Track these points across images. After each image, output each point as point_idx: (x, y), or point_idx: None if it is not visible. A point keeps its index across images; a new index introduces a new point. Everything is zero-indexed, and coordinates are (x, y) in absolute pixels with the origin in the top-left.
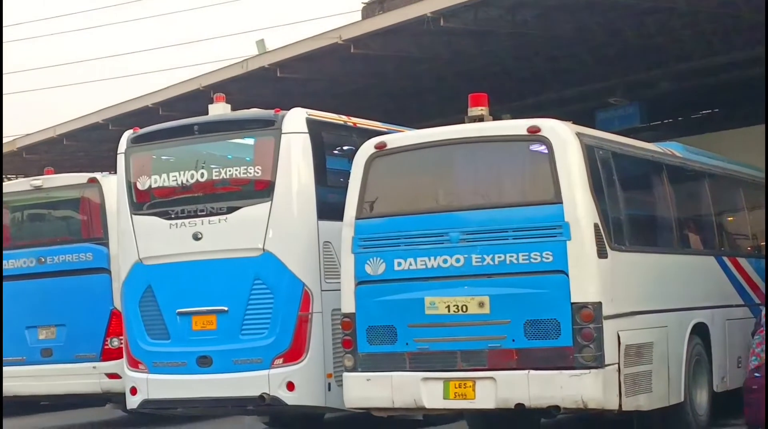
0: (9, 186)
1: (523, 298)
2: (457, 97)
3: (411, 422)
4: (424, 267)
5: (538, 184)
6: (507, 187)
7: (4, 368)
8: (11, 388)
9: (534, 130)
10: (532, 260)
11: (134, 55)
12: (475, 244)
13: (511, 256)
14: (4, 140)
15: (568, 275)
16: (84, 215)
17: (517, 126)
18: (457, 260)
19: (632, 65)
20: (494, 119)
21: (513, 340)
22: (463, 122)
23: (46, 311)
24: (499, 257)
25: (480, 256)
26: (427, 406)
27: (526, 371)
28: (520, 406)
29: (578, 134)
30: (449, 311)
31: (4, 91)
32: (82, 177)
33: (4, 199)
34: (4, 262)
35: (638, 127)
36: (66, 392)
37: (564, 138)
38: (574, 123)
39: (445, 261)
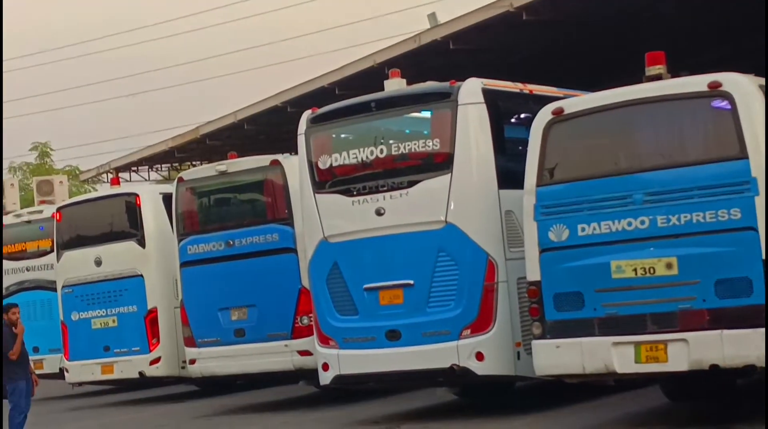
0: (195, 172)
1: (712, 257)
2: (632, 58)
3: (603, 388)
4: (608, 231)
5: (722, 141)
6: (689, 146)
7: (202, 349)
8: (208, 368)
9: (715, 86)
10: (720, 218)
11: (308, 37)
12: (660, 205)
13: (698, 215)
14: (188, 128)
15: (758, 231)
16: (268, 197)
17: (698, 82)
18: (642, 222)
19: None
20: (672, 77)
21: (704, 301)
22: (641, 82)
23: (237, 293)
24: (685, 217)
25: (665, 216)
26: (619, 370)
27: (719, 331)
28: (714, 367)
29: (762, 87)
30: (636, 274)
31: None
32: (264, 159)
33: (192, 185)
34: (195, 246)
35: None
36: (259, 371)
37: (747, 91)
38: (756, 75)
39: (629, 223)
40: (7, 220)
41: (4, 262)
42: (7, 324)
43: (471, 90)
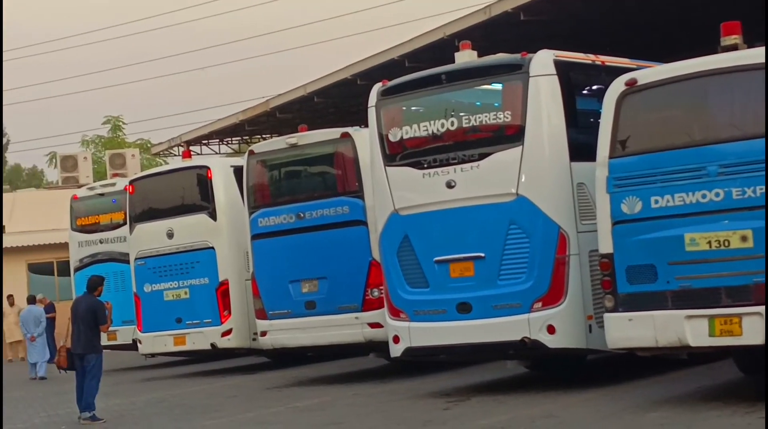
0: (265, 145)
1: None
2: (706, 28)
3: (675, 362)
4: (682, 203)
5: None
6: (765, 117)
7: (273, 321)
8: (279, 340)
9: None
10: None
11: (377, 9)
12: (735, 177)
13: None
14: (258, 101)
15: None
16: (338, 169)
17: None
18: (717, 194)
19: None
20: (748, 47)
21: None
22: (716, 53)
23: (308, 265)
24: (761, 189)
25: (740, 188)
26: (692, 344)
27: None
28: None
29: None
30: (711, 247)
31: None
32: (335, 132)
33: (263, 157)
34: (266, 219)
35: None
36: (330, 343)
37: None
38: None
39: (704, 196)
40: (80, 192)
41: (78, 234)
42: (96, 296)
43: (542, 62)
